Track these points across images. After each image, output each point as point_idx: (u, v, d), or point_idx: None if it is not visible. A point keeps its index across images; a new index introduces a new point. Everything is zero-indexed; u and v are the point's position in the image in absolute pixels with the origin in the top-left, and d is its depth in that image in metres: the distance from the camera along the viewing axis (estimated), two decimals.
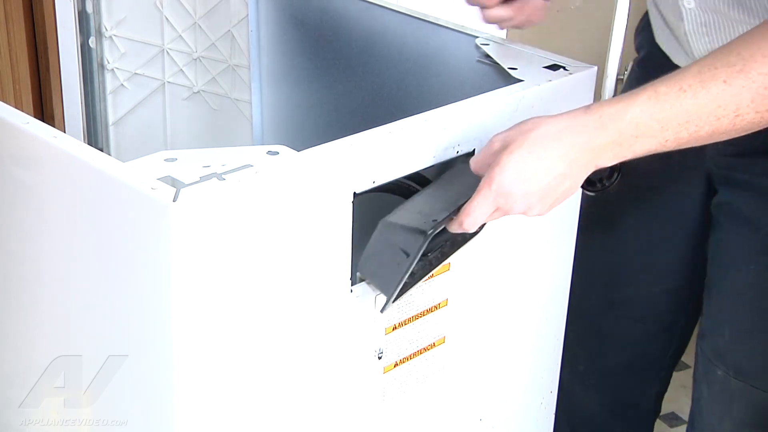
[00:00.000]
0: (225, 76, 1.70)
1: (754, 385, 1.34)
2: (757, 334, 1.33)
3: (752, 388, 1.34)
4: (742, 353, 1.34)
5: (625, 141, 1.01)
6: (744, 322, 1.33)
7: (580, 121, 1.02)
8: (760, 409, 1.35)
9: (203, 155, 1.00)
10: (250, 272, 0.99)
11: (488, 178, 1.03)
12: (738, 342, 1.34)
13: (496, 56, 1.31)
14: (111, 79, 1.74)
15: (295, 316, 1.05)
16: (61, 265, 1.08)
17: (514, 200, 1.03)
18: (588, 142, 1.01)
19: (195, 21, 1.68)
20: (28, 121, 1.06)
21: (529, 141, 1.02)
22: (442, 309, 1.20)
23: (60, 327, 1.11)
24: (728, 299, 1.34)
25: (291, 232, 1.01)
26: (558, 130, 1.02)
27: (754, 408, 1.35)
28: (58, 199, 1.05)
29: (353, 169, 1.05)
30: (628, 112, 1.01)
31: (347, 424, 1.16)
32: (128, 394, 1.05)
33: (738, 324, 1.33)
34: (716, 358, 1.35)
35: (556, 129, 1.02)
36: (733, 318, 1.34)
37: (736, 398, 1.36)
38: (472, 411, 1.32)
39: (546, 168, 1.02)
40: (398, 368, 1.19)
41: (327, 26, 1.56)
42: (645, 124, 1.00)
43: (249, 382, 1.04)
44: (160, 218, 0.92)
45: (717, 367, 1.36)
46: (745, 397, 1.35)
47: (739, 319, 1.33)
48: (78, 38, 1.68)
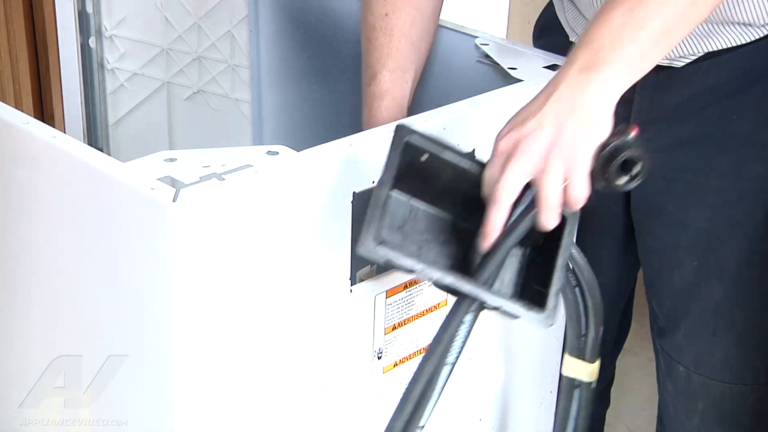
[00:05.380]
0: (225, 76, 1.70)
1: (715, 379, 1.35)
2: (711, 328, 1.33)
3: (714, 382, 1.35)
4: (699, 349, 1.35)
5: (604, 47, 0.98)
6: (696, 318, 1.33)
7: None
8: (725, 400, 1.36)
9: (203, 155, 1.00)
10: (250, 272, 0.99)
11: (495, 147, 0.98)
12: (693, 338, 1.35)
13: (496, 56, 1.32)
14: (111, 79, 1.74)
15: (295, 316, 1.05)
16: (61, 265, 1.08)
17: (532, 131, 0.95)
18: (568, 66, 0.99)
19: (195, 21, 1.68)
20: (28, 121, 1.06)
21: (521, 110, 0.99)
22: (442, 309, 1.20)
23: (60, 327, 1.11)
24: (677, 298, 1.34)
25: (291, 232, 1.01)
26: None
27: (718, 400, 1.36)
28: (58, 200, 1.05)
29: (353, 169, 1.05)
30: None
31: (347, 423, 1.16)
32: (128, 394, 1.05)
33: (691, 321, 1.34)
34: (676, 354, 1.36)
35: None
36: (685, 315, 1.34)
37: (700, 393, 1.37)
38: (472, 411, 1.32)
39: (545, 96, 0.98)
40: (398, 368, 1.19)
41: (327, 26, 1.56)
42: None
43: (249, 381, 1.04)
44: (160, 218, 0.92)
45: (678, 363, 1.37)
46: (708, 392, 1.36)
47: (691, 316, 1.34)
48: (78, 38, 1.69)
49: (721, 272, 1.30)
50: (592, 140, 0.96)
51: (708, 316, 1.33)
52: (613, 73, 0.97)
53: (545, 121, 0.95)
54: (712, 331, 1.33)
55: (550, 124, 0.95)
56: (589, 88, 0.96)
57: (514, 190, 0.95)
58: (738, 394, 1.35)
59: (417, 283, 1.16)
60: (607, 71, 0.97)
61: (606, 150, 0.96)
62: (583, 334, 1.10)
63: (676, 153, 1.28)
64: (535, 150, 0.95)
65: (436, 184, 1.03)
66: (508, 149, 0.96)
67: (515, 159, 0.95)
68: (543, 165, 0.95)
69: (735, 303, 1.31)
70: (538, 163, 0.95)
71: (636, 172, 0.97)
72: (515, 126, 0.97)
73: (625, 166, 0.97)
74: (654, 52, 1.00)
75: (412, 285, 1.16)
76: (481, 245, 0.97)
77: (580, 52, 0.99)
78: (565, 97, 0.96)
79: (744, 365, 1.34)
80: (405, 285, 1.15)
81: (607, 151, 0.96)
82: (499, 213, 0.96)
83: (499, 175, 0.96)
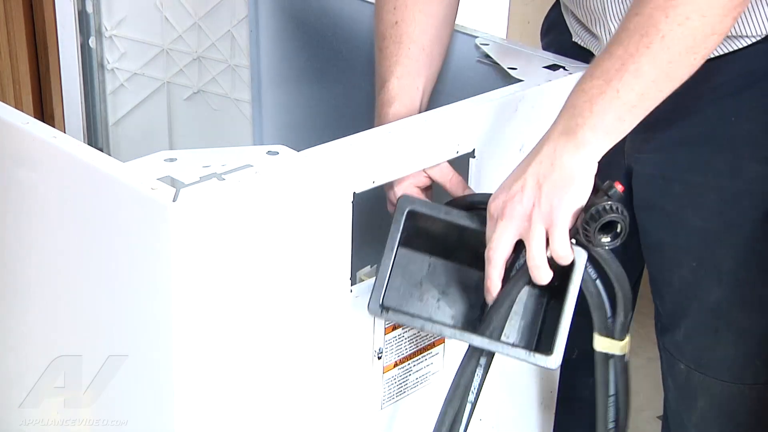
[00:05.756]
0: (225, 76, 1.70)
1: (715, 377, 1.36)
2: (711, 328, 1.34)
3: (713, 380, 1.36)
4: (699, 347, 1.36)
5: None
6: (696, 317, 1.34)
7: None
8: (724, 399, 1.37)
9: (203, 155, 1.00)
10: (250, 272, 0.99)
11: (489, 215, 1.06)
12: (694, 336, 1.36)
13: (496, 56, 1.31)
14: (111, 79, 1.74)
15: (295, 316, 1.05)
16: (61, 265, 1.08)
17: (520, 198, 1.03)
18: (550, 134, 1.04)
19: (195, 21, 1.68)
20: (28, 121, 1.06)
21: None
22: None
23: (60, 327, 1.11)
24: (677, 297, 1.35)
25: (291, 232, 1.01)
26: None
27: (717, 399, 1.37)
28: (58, 199, 1.05)
29: (353, 169, 1.05)
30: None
31: (347, 424, 1.16)
32: (128, 394, 1.05)
33: (691, 319, 1.35)
34: (677, 352, 1.38)
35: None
36: (685, 314, 1.35)
37: (699, 391, 1.38)
38: None
39: (525, 164, 1.05)
40: (398, 368, 1.19)
41: (327, 26, 1.56)
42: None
43: (249, 381, 1.03)
44: (160, 218, 0.92)
45: (679, 361, 1.38)
46: (707, 390, 1.37)
47: (692, 314, 1.34)
48: (78, 38, 1.69)
49: (719, 272, 1.30)
50: (570, 201, 1.03)
51: (707, 316, 1.33)
52: (591, 138, 1.03)
53: (527, 183, 1.03)
54: (712, 330, 1.34)
55: (531, 186, 1.03)
56: (568, 152, 1.03)
57: (504, 250, 1.05)
58: (737, 393, 1.35)
59: None
60: (585, 136, 1.03)
61: (588, 212, 1.02)
62: (609, 316, 1.13)
63: (675, 153, 1.28)
64: (519, 212, 1.03)
65: (449, 240, 1.13)
66: (497, 212, 1.05)
67: (502, 221, 1.04)
68: (527, 225, 1.03)
69: (733, 303, 1.31)
70: (523, 224, 1.04)
71: (617, 232, 1.04)
72: (503, 189, 1.06)
73: (607, 228, 1.03)
74: (630, 116, 1.04)
75: None
76: (486, 297, 1.08)
77: (561, 117, 1.05)
78: (545, 159, 1.03)
79: (743, 365, 1.34)
80: None
81: (588, 214, 1.02)
82: (494, 270, 1.06)
83: (490, 236, 1.05)
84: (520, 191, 1.03)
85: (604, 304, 1.12)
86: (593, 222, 1.02)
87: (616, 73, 1.02)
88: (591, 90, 1.03)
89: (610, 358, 1.17)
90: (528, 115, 1.20)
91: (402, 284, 1.12)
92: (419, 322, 1.11)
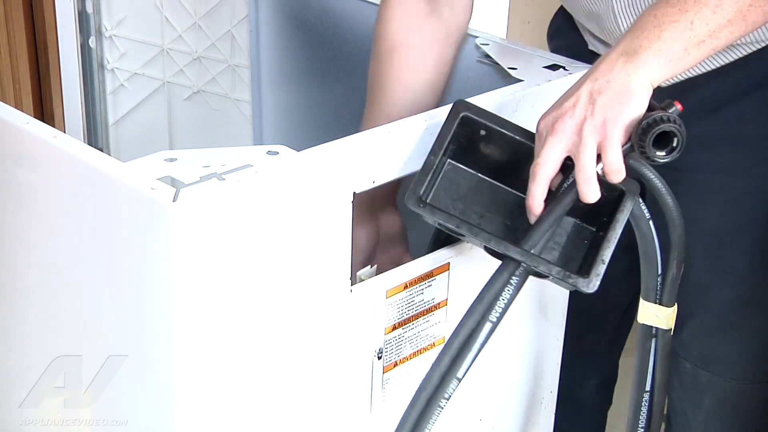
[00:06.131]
0: (225, 76, 1.70)
1: (720, 375, 1.36)
2: (717, 327, 1.35)
3: (720, 379, 1.36)
4: (705, 346, 1.36)
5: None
6: (703, 316, 1.34)
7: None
8: (730, 397, 1.37)
9: (203, 155, 1.00)
10: (250, 272, 0.99)
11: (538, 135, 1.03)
12: (700, 335, 1.36)
13: (496, 56, 1.31)
14: (111, 79, 1.74)
15: (295, 316, 1.05)
16: (61, 265, 1.08)
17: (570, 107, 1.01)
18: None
19: (195, 21, 1.68)
20: (28, 121, 1.06)
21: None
22: (442, 309, 1.20)
23: (60, 327, 1.11)
24: (685, 296, 1.35)
25: (291, 232, 1.01)
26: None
27: (723, 397, 1.37)
28: (58, 199, 1.05)
29: (353, 169, 1.05)
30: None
31: (347, 424, 1.16)
32: (128, 394, 1.05)
33: (698, 319, 1.35)
34: (683, 351, 1.37)
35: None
36: (693, 314, 1.35)
37: (705, 389, 1.38)
38: (472, 411, 1.32)
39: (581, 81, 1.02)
40: (398, 368, 1.19)
41: (327, 26, 1.56)
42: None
43: (249, 382, 1.04)
44: (160, 218, 0.92)
45: (685, 360, 1.38)
46: (713, 388, 1.37)
47: (698, 313, 1.34)
48: (78, 38, 1.69)
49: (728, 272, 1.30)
50: (624, 113, 0.99)
51: (715, 315, 1.33)
52: (653, 61, 1.00)
53: (580, 98, 1.00)
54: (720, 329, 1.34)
55: (584, 101, 1.00)
56: (626, 70, 1.00)
57: (551, 166, 1.01)
58: (744, 391, 1.36)
59: (417, 282, 1.16)
60: (647, 59, 1.00)
61: (643, 122, 0.99)
62: (660, 273, 1.11)
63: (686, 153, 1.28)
64: (569, 126, 1.00)
65: (498, 158, 1.09)
66: (547, 128, 1.01)
67: (551, 137, 1.00)
68: (577, 139, 0.99)
69: (742, 302, 1.31)
70: (573, 138, 1.00)
71: (673, 146, 1.00)
72: (555, 106, 1.02)
73: (662, 140, 0.99)
74: (696, 51, 1.02)
75: (412, 285, 1.16)
76: (528, 217, 1.04)
77: (626, 38, 1.02)
78: (601, 76, 1.01)
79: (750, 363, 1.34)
80: (405, 285, 1.15)
81: (644, 124, 0.99)
82: (538, 188, 1.01)
83: (538, 153, 1.01)
84: (572, 107, 1.00)
85: (656, 252, 1.10)
86: (649, 131, 0.98)
87: (694, 4, 1.00)
88: (663, 16, 1.01)
89: (653, 337, 1.14)
90: (528, 115, 1.20)
91: (446, 196, 1.10)
92: (455, 221, 1.05)
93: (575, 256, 1.09)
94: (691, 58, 1.02)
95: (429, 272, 1.17)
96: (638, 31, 1.02)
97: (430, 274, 1.17)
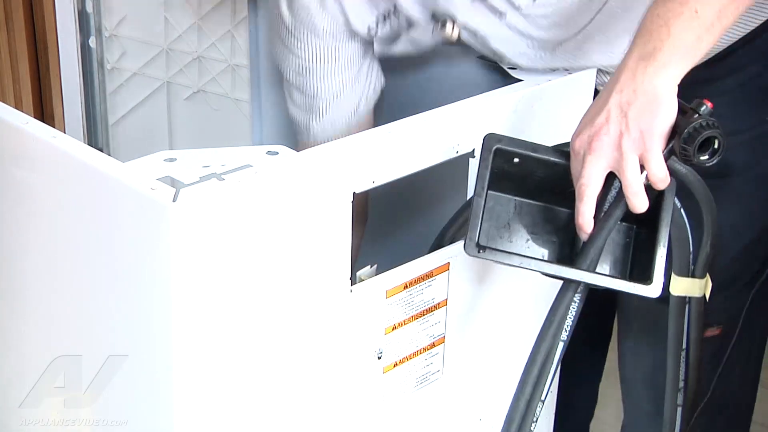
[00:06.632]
0: (225, 76, 1.70)
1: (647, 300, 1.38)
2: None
3: (645, 303, 1.37)
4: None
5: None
6: None
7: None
8: (654, 321, 1.38)
9: (203, 155, 1.00)
10: (249, 272, 0.99)
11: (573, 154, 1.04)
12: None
13: None
14: (111, 79, 1.74)
15: (295, 316, 1.05)
16: (61, 265, 1.08)
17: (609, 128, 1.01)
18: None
19: (195, 21, 1.68)
20: (28, 121, 1.06)
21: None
22: (442, 309, 1.20)
23: (60, 327, 1.11)
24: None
25: (291, 232, 1.01)
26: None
27: (647, 320, 1.40)
28: (58, 199, 1.05)
29: (353, 169, 1.05)
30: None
31: (347, 424, 1.16)
32: (128, 394, 1.05)
33: None
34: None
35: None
36: None
37: (633, 315, 1.42)
38: (472, 411, 1.32)
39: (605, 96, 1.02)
40: (398, 368, 1.19)
41: None
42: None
43: (249, 382, 1.04)
44: (159, 218, 0.92)
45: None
46: (640, 313, 1.41)
47: None
48: (78, 38, 1.68)
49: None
50: (659, 122, 1.00)
51: None
52: (671, 59, 1.00)
53: (611, 113, 1.01)
54: None
55: (616, 116, 1.00)
56: (648, 76, 1.00)
57: (596, 185, 1.02)
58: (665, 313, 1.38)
59: (417, 282, 1.16)
60: (665, 58, 1.00)
61: (684, 132, 1.00)
62: (691, 252, 1.13)
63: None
64: (607, 144, 1.01)
65: (535, 180, 1.11)
66: (583, 147, 1.02)
67: (590, 156, 1.01)
68: (618, 155, 1.00)
69: None
70: (613, 155, 1.01)
71: (715, 148, 1.01)
72: (586, 124, 1.03)
73: (704, 145, 1.00)
74: (708, 35, 1.02)
75: (412, 285, 1.16)
76: (580, 236, 1.05)
77: (637, 42, 1.03)
78: (626, 86, 1.01)
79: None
80: (405, 285, 1.15)
81: (685, 134, 1.00)
82: (587, 207, 1.03)
83: (579, 172, 1.02)
84: (605, 123, 1.01)
85: (689, 236, 1.11)
86: (692, 140, 0.99)
87: None
88: (666, 13, 1.01)
89: (686, 304, 1.15)
90: (528, 115, 1.20)
91: (490, 227, 1.11)
92: (517, 259, 1.07)
93: (622, 257, 1.11)
94: (704, 44, 1.02)
95: (429, 272, 1.17)
96: (647, 35, 1.02)
97: (430, 274, 1.17)
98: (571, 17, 1.21)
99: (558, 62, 1.26)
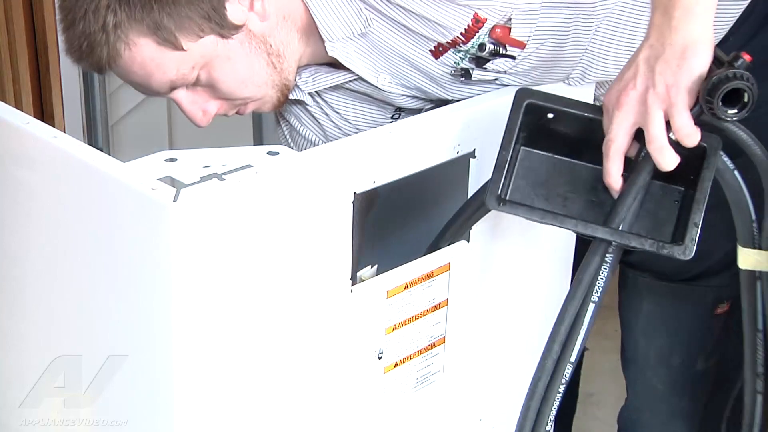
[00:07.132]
0: None
1: (659, 279, 1.37)
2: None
3: (657, 282, 1.38)
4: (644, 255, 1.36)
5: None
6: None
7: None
8: (666, 300, 1.38)
9: (203, 155, 1.00)
10: (250, 272, 0.99)
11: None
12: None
13: None
14: (111, 79, 1.74)
15: (296, 316, 1.05)
16: (61, 265, 1.08)
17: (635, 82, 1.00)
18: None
19: None
20: (28, 121, 1.06)
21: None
22: (442, 309, 1.20)
23: (60, 327, 1.11)
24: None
25: (291, 233, 1.01)
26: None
27: (660, 300, 1.39)
28: (58, 199, 1.05)
29: (353, 169, 1.05)
30: None
31: (347, 424, 1.16)
32: (128, 394, 1.05)
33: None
34: (627, 267, 1.40)
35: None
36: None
37: (645, 295, 1.40)
38: (472, 411, 1.32)
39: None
40: (398, 368, 1.19)
41: None
42: None
43: (249, 382, 1.03)
44: (160, 218, 0.92)
45: (627, 271, 1.40)
46: (652, 292, 1.39)
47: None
48: None
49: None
50: (683, 75, 0.98)
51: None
52: (695, 8, 0.99)
53: (640, 68, 1.00)
54: None
55: (643, 70, 1.00)
56: (674, 27, 0.99)
57: (621, 141, 1.01)
58: (678, 291, 1.37)
59: (417, 282, 1.16)
60: (689, 8, 0.99)
61: (709, 83, 0.96)
62: (753, 219, 1.09)
63: None
64: (633, 98, 1.00)
65: (572, 138, 1.08)
66: (612, 104, 1.01)
67: (618, 111, 1.00)
68: (643, 109, 0.99)
69: None
70: (639, 110, 1.00)
71: (744, 102, 0.97)
72: (617, 80, 1.02)
73: (732, 97, 0.96)
74: None
75: (412, 285, 1.16)
76: (611, 194, 1.04)
77: (657, 4, 1.01)
78: (655, 42, 1.00)
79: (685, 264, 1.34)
80: (405, 285, 1.15)
81: (709, 85, 0.96)
82: (613, 164, 1.02)
83: (607, 128, 1.02)
84: (633, 78, 1.00)
85: (746, 200, 1.07)
86: (715, 91, 0.95)
87: None
88: None
89: (757, 279, 1.11)
90: None
91: (526, 184, 1.09)
92: (539, 213, 1.05)
93: (668, 219, 1.07)
94: None
95: (429, 272, 1.17)
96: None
97: (430, 274, 1.17)
98: (560, 57, 1.21)
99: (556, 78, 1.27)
